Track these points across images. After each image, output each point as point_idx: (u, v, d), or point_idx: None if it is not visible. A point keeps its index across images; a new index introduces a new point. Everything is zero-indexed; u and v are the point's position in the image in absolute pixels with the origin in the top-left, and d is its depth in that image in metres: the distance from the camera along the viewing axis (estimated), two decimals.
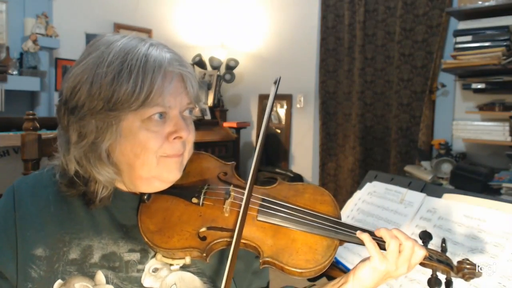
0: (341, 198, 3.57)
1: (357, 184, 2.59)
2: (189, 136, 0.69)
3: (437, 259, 0.70)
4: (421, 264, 0.70)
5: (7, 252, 0.66)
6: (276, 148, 4.10)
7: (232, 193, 0.71)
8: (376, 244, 0.68)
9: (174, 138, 0.67)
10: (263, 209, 0.70)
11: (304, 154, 3.95)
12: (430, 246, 0.72)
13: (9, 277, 0.66)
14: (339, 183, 3.70)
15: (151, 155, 0.65)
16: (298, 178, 3.82)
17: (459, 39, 2.53)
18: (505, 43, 2.35)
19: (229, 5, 4.43)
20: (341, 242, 0.70)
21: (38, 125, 1.14)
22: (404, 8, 3.13)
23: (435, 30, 2.99)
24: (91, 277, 0.66)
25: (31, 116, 1.13)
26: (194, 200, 0.71)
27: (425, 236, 0.72)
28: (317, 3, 3.73)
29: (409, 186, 1.27)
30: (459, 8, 2.52)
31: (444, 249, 0.73)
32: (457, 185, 2.33)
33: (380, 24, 3.32)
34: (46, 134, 1.14)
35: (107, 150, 0.65)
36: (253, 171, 0.68)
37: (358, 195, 1.36)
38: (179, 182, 0.73)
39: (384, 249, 0.69)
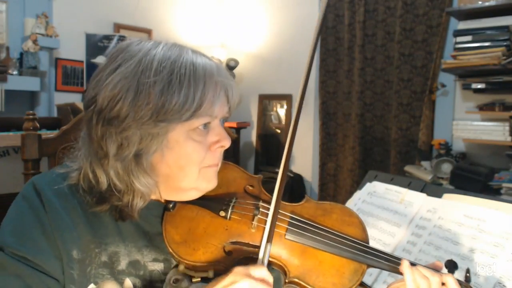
0: (340, 198, 3.57)
1: (357, 184, 2.59)
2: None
3: None
4: None
5: (51, 254, 0.62)
6: (276, 148, 4.10)
7: (261, 209, 0.69)
8: (416, 285, 0.66)
9: (217, 148, 0.67)
10: (292, 228, 0.69)
11: (304, 154, 3.95)
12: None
13: (57, 278, 0.62)
14: (338, 183, 3.69)
15: (194, 167, 0.64)
16: (298, 178, 3.82)
17: (459, 39, 2.53)
18: (505, 43, 2.35)
19: (229, 5, 4.43)
20: (368, 266, 0.69)
21: (38, 125, 1.14)
22: (404, 8, 3.13)
23: (435, 30, 2.99)
24: (121, 283, 0.64)
25: (31, 116, 1.13)
26: (222, 213, 0.69)
27: (451, 266, 0.71)
28: (317, 3, 3.73)
29: (409, 186, 1.27)
30: (459, 8, 2.52)
31: (468, 279, 0.72)
32: (457, 185, 2.33)
33: (380, 24, 3.32)
34: (46, 134, 1.14)
35: (150, 162, 0.62)
36: (279, 187, 0.66)
37: (358, 195, 1.36)
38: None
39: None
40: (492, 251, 0.93)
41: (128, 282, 0.65)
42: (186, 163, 0.63)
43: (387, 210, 1.21)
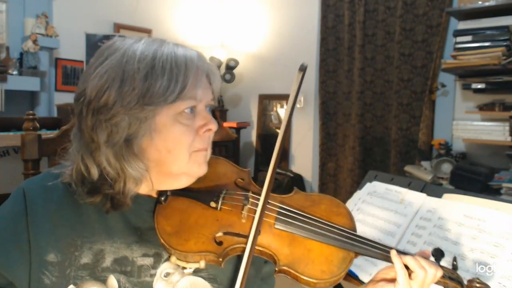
0: (341, 198, 3.53)
1: (357, 184, 2.59)
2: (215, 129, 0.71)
3: (449, 277, 0.70)
4: None
5: (19, 259, 0.63)
6: None
7: (251, 199, 0.71)
8: (406, 272, 0.67)
9: (204, 132, 0.68)
10: (281, 217, 0.70)
11: (304, 154, 3.95)
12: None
13: (20, 285, 0.64)
14: (339, 183, 3.69)
15: (184, 151, 0.66)
16: (298, 178, 3.82)
17: (459, 39, 2.53)
18: (505, 43, 2.35)
19: (229, 5, 4.43)
20: (356, 254, 0.70)
21: (38, 125, 1.14)
22: (404, 8, 3.13)
23: (435, 30, 2.99)
24: (103, 281, 0.65)
25: (31, 116, 1.13)
26: (213, 204, 0.70)
27: (438, 254, 0.72)
28: (317, 3, 3.73)
29: (409, 186, 1.27)
30: (459, 8, 2.52)
31: (455, 267, 0.73)
32: (457, 185, 2.33)
33: (380, 24, 3.32)
34: (46, 134, 1.14)
35: (140, 146, 0.64)
36: (270, 177, 0.68)
37: (358, 195, 1.36)
38: (197, 185, 0.72)
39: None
40: (492, 251, 0.93)
41: (112, 279, 0.65)
42: (175, 146, 0.65)
43: (387, 210, 1.21)
